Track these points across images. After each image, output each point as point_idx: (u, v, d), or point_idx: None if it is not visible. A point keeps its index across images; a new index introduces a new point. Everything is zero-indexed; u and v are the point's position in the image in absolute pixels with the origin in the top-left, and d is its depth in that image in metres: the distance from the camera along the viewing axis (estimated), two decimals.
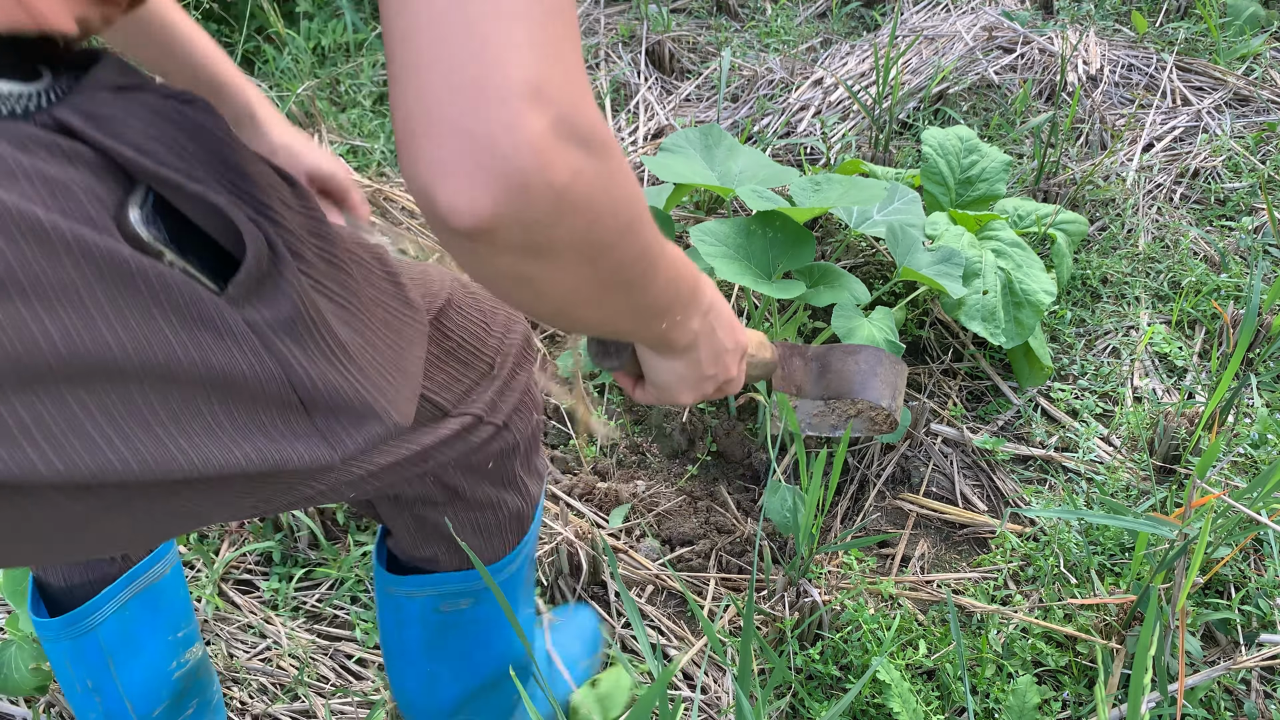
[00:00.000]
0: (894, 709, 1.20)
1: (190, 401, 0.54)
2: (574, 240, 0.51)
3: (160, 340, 0.51)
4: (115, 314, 0.49)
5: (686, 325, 0.73)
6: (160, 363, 0.52)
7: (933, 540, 1.57)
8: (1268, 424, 1.62)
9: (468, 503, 0.93)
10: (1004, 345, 1.62)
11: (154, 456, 0.53)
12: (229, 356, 0.55)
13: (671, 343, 0.74)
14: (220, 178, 0.57)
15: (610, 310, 0.61)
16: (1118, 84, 2.54)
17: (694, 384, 0.81)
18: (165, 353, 0.52)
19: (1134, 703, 0.96)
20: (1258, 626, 1.36)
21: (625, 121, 2.47)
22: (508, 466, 0.94)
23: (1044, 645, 1.32)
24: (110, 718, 1.08)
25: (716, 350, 0.79)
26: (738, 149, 1.73)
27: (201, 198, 0.54)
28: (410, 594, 1.00)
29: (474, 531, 0.95)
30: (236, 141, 0.59)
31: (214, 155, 0.57)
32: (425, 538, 0.96)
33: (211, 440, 0.55)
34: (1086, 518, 1.16)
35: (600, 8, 2.96)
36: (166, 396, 0.53)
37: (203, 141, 0.57)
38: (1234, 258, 2.01)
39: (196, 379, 0.54)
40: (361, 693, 1.37)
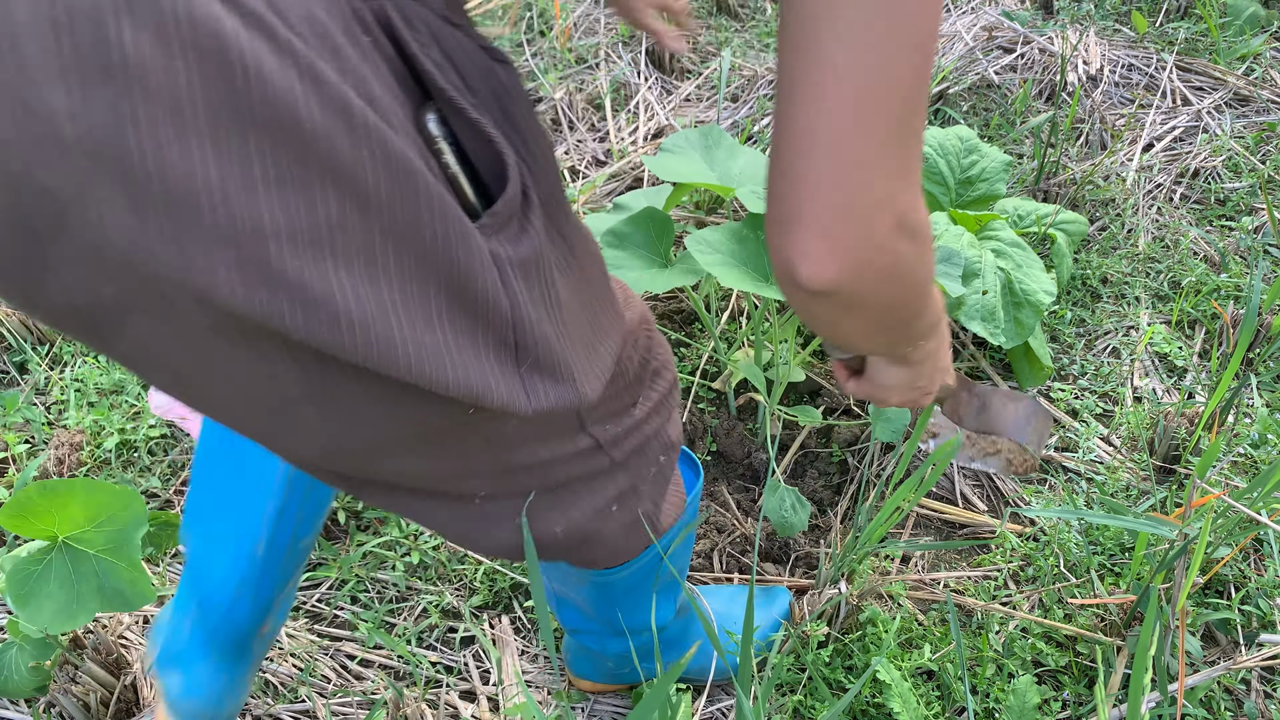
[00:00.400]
0: (894, 709, 1.20)
1: (425, 290, 0.57)
2: (881, 300, 0.64)
3: (423, 233, 0.55)
4: (389, 201, 0.53)
5: (925, 346, 0.85)
6: (414, 241, 0.55)
7: (933, 540, 1.57)
8: (1268, 424, 1.62)
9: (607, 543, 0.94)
10: (1004, 345, 1.62)
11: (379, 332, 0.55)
12: (472, 270, 0.58)
13: (908, 358, 0.86)
14: (498, 122, 0.62)
15: (879, 341, 0.74)
16: (1118, 84, 2.54)
17: (908, 390, 0.91)
18: (424, 243, 0.56)
19: (1134, 703, 0.96)
20: (1258, 626, 1.36)
21: (625, 121, 2.47)
22: (629, 506, 0.93)
23: (1044, 645, 1.32)
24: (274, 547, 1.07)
25: (937, 367, 0.90)
26: (738, 149, 1.73)
27: (479, 126, 0.60)
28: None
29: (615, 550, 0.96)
30: (524, 105, 0.65)
31: (498, 103, 0.63)
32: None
33: (429, 335, 0.58)
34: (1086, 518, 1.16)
35: (600, 8, 2.97)
36: (406, 273, 0.56)
37: (494, 90, 0.63)
38: (1234, 258, 2.01)
39: (440, 271, 0.57)
40: (363, 693, 1.37)
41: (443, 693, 1.36)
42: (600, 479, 0.88)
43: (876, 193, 0.57)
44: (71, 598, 1.19)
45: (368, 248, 0.54)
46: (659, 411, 0.93)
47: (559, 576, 1.09)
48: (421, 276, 0.57)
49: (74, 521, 1.18)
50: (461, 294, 0.58)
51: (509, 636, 1.44)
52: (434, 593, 1.49)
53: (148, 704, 1.34)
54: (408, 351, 0.57)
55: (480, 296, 0.59)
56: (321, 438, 0.65)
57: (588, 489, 0.88)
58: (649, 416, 0.91)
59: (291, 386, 0.59)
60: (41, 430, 1.75)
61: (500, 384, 0.63)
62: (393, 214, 0.54)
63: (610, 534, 0.94)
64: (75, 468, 1.67)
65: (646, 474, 0.94)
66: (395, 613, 1.48)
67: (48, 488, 1.14)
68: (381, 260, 0.55)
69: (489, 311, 0.60)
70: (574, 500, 0.87)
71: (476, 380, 0.61)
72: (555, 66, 2.68)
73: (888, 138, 0.56)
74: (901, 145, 0.58)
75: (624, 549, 0.98)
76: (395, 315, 0.56)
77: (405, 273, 0.56)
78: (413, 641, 1.44)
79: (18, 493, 1.14)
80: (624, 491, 0.92)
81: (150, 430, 1.73)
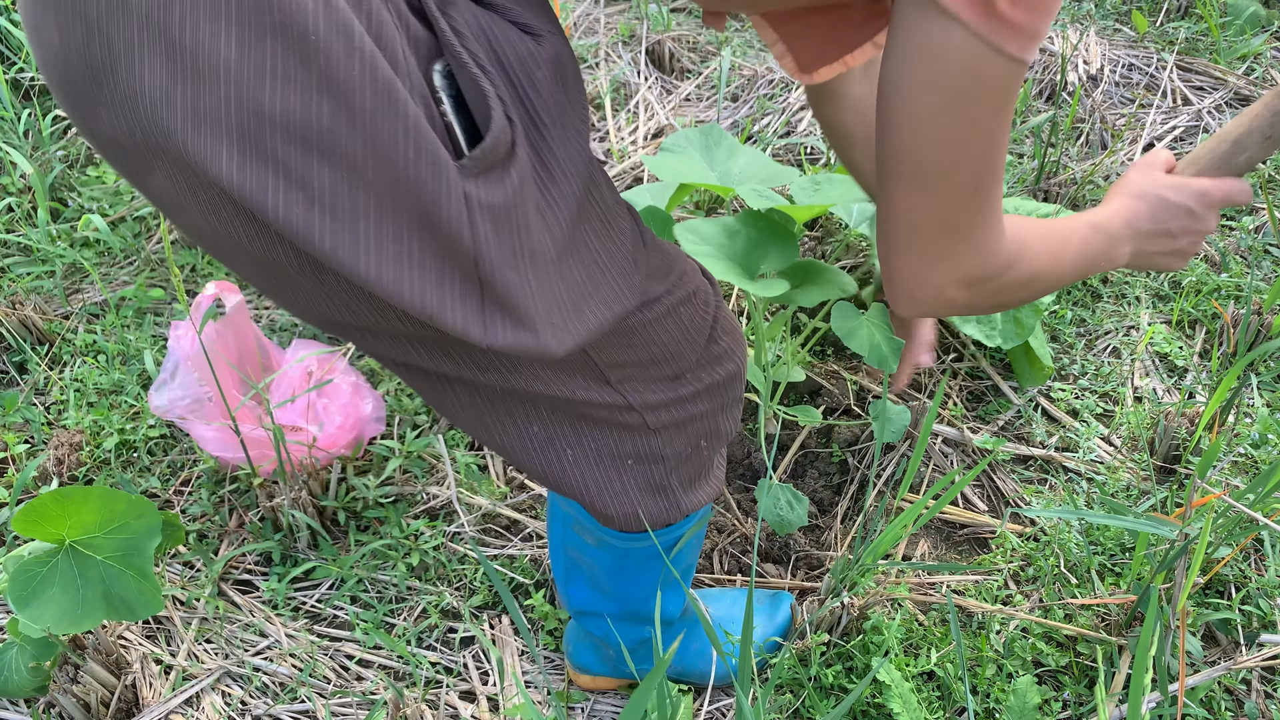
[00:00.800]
0: (894, 709, 1.20)
1: (398, 208, 0.63)
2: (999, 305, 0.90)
3: (398, 154, 0.62)
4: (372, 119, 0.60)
5: (1116, 259, 0.98)
6: (390, 160, 0.62)
7: (933, 540, 1.57)
8: (1268, 424, 1.62)
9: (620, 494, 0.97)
10: (1001, 346, 1.62)
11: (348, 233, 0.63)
12: (439, 199, 0.64)
13: (1125, 265, 1.00)
14: (507, 83, 0.69)
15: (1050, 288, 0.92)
16: (1118, 84, 2.54)
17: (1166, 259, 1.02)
18: (398, 164, 0.62)
19: (1134, 703, 0.96)
20: (1258, 626, 1.36)
21: (625, 121, 2.47)
22: (651, 471, 0.96)
23: (1044, 645, 1.32)
24: None
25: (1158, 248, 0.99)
26: (738, 149, 1.73)
27: (477, 81, 0.66)
28: (556, 499, 1.09)
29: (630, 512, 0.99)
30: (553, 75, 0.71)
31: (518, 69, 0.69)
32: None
33: (394, 247, 0.64)
34: (1087, 518, 1.16)
35: (600, 7, 2.96)
36: (383, 189, 0.62)
37: (518, 56, 0.69)
38: (1234, 258, 2.00)
39: (409, 194, 0.63)
40: (363, 693, 1.36)
41: (443, 693, 1.36)
42: (628, 433, 0.92)
43: (934, 276, 0.82)
44: (75, 602, 1.18)
45: (350, 156, 0.61)
46: (713, 395, 0.95)
47: (578, 542, 1.09)
48: (395, 195, 0.63)
49: (84, 526, 1.18)
50: (428, 220, 0.64)
51: (509, 636, 1.44)
52: (434, 593, 1.49)
53: (147, 704, 1.34)
54: (369, 259, 0.63)
55: (445, 227, 0.65)
56: (319, 307, 0.73)
57: (608, 433, 0.91)
58: (699, 396, 0.93)
59: (285, 261, 0.68)
60: (41, 430, 1.75)
61: (457, 312, 0.68)
62: (375, 131, 0.60)
63: (624, 489, 0.96)
64: (75, 468, 1.67)
65: (681, 451, 0.96)
66: (395, 613, 1.48)
67: (63, 494, 1.14)
68: (361, 170, 0.61)
69: (452, 243, 0.66)
70: (591, 433, 0.91)
71: (433, 302, 0.67)
72: None
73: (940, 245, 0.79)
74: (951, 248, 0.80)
75: (642, 515, 0.99)
76: (366, 221, 0.63)
77: (381, 188, 0.62)
78: (413, 641, 1.44)
79: (34, 499, 1.14)
80: (649, 454, 0.94)
81: (150, 430, 1.73)
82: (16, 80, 2.51)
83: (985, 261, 0.82)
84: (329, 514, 1.59)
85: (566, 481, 0.94)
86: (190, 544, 1.55)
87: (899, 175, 0.75)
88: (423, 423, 1.73)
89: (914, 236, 0.79)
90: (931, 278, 0.81)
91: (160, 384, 1.53)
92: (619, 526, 1.00)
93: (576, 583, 1.17)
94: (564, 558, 1.15)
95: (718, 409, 0.97)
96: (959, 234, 0.79)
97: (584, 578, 1.15)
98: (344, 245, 0.63)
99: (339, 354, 1.69)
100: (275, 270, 0.70)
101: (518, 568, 1.51)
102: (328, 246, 0.62)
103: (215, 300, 1.56)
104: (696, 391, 0.93)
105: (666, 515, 1.00)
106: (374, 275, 0.64)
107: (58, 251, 2.11)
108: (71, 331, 1.97)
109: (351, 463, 1.63)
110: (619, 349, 0.85)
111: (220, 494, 1.63)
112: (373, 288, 0.64)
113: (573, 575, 1.16)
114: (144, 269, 2.13)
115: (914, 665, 1.30)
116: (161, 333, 1.97)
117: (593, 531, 1.05)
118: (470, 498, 1.60)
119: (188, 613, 1.47)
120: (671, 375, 0.91)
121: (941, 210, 0.76)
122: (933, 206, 0.76)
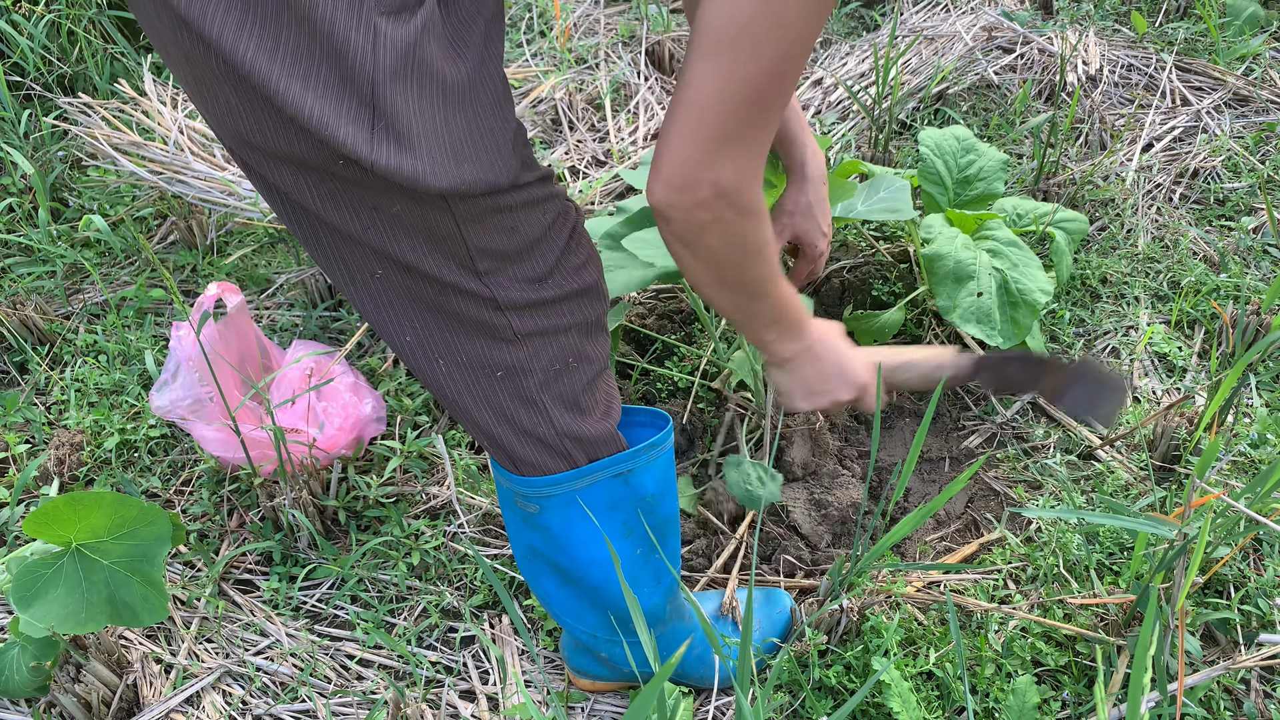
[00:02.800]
0: (894, 709, 1.20)
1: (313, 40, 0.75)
2: (705, 249, 0.93)
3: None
4: None
5: (784, 347, 1.09)
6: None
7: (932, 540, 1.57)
8: (1267, 424, 1.62)
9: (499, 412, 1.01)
10: (1000, 345, 1.62)
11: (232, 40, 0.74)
12: (349, 33, 0.75)
13: (773, 355, 1.11)
14: None
15: (724, 302, 1.01)
16: (1117, 84, 2.54)
17: (803, 396, 1.15)
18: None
19: (1133, 702, 0.96)
20: (1257, 626, 1.36)
21: (625, 121, 2.47)
22: (522, 384, 1.00)
23: (1044, 645, 1.32)
24: None
25: (819, 373, 1.12)
26: None
27: None
28: (497, 479, 1.12)
29: (516, 435, 1.03)
30: None
31: None
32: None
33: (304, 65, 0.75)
34: (1086, 518, 1.16)
35: (600, 8, 2.97)
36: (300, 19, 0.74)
37: None
38: (1233, 258, 2.01)
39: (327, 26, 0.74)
40: (363, 693, 1.37)
41: (443, 692, 1.36)
42: (495, 343, 0.97)
43: (707, 165, 0.86)
44: (80, 605, 1.19)
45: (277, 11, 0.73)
46: (575, 308, 0.99)
47: (523, 518, 1.11)
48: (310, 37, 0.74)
49: (92, 530, 1.18)
50: (334, 44, 0.75)
51: (509, 636, 1.44)
52: (434, 593, 1.49)
53: (148, 703, 1.34)
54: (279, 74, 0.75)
55: (351, 55, 0.75)
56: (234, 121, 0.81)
57: (477, 342, 0.97)
58: (561, 304, 0.98)
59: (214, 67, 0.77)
60: (41, 430, 1.75)
61: (349, 129, 0.78)
62: None
63: (498, 404, 1.00)
64: (76, 468, 1.67)
65: (548, 365, 1.00)
66: (395, 613, 1.48)
67: (75, 498, 1.14)
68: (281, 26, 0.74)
69: (354, 70, 0.76)
70: (461, 341, 0.97)
71: (330, 119, 0.77)
72: (555, 67, 2.68)
73: (725, 130, 0.84)
74: (734, 139, 0.85)
75: (530, 451, 1.03)
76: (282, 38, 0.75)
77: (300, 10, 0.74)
78: (413, 641, 1.44)
79: (48, 501, 1.14)
80: (517, 366, 0.98)
81: (150, 430, 1.73)
82: (17, 81, 2.51)
83: (746, 180, 0.88)
84: (329, 513, 1.59)
85: (443, 393, 1.01)
86: (191, 544, 1.56)
87: (701, 48, 0.82)
88: (423, 422, 1.74)
89: (702, 114, 0.83)
90: (699, 167, 0.85)
91: (162, 384, 1.53)
92: (514, 458, 1.04)
93: (544, 576, 1.17)
94: (524, 549, 1.16)
95: (582, 326, 1.01)
96: (743, 124, 0.84)
97: (546, 566, 1.15)
98: (261, 60, 0.74)
99: (338, 355, 1.69)
100: (205, 75, 0.79)
101: (517, 567, 1.52)
102: (249, 59, 0.74)
103: (216, 301, 1.56)
104: (559, 297, 0.97)
105: (542, 433, 1.03)
106: (280, 88, 0.75)
107: (58, 252, 2.11)
108: (72, 331, 1.97)
109: (352, 463, 1.63)
110: (487, 231, 0.91)
111: (221, 494, 1.63)
112: (278, 99, 0.75)
113: (538, 569, 1.17)
114: (145, 269, 2.13)
115: (913, 665, 1.30)
116: (162, 333, 1.97)
117: (522, 488, 1.07)
118: (470, 497, 1.60)
119: (188, 612, 1.47)
120: (535, 277, 0.96)
121: (735, 89, 0.82)
122: (727, 84, 0.82)
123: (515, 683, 1.36)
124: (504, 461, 1.07)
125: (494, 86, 0.89)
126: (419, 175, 0.82)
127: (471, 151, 0.86)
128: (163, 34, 0.79)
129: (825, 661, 1.33)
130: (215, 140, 2.13)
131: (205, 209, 2.15)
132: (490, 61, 0.88)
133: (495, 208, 0.90)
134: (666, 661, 0.82)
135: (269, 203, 0.91)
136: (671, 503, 1.16)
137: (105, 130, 2.17)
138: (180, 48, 0.78)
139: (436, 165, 0.83)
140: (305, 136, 0.80)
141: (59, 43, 2.56)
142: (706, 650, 1.32)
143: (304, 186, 0.86)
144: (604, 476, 1.07)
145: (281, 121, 0.79)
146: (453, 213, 0.88)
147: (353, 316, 1.97)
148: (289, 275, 2.08)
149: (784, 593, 1.41)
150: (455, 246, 0.90)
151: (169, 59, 0.82)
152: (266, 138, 0.81)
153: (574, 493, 1.06)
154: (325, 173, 0.84)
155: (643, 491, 1.10)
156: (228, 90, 0.78)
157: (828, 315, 1.92)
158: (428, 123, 0.82)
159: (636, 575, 1.15)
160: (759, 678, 1.34)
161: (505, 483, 1.09)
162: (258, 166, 0.86)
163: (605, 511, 1.08)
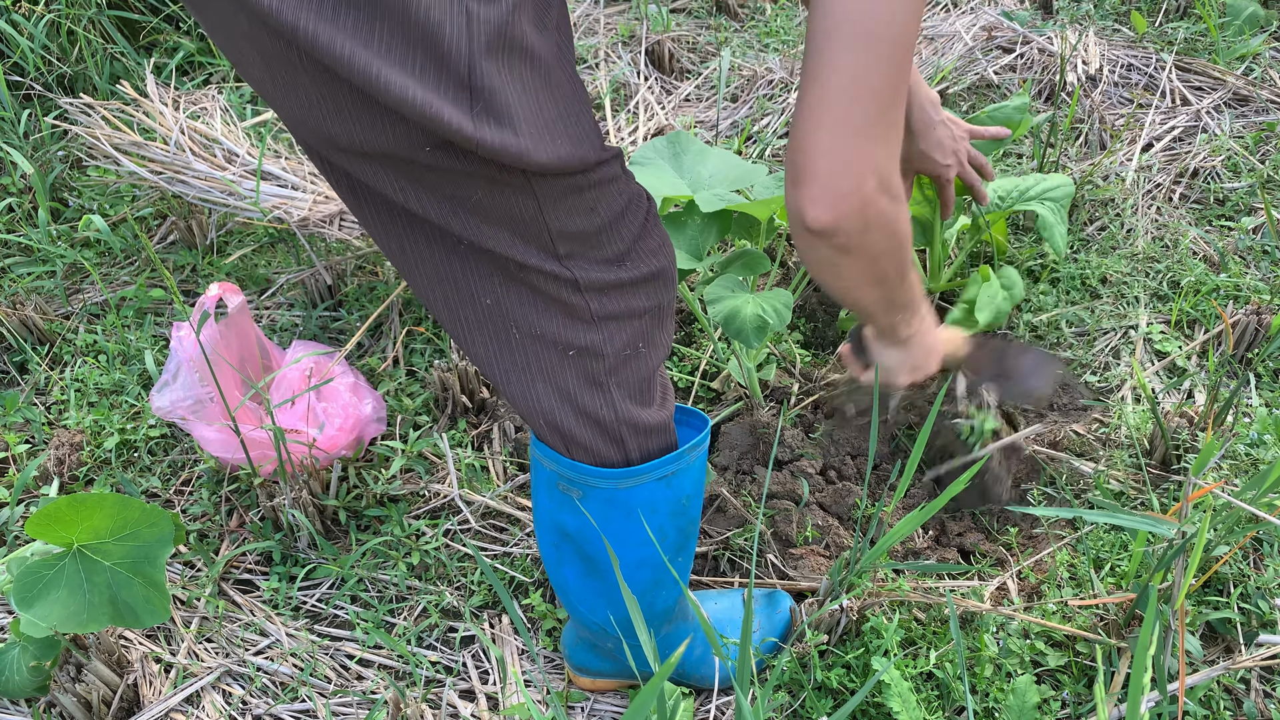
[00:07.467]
0: (894, 709, 1.20)
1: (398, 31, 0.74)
2: (867, 248, 0.92)
3: None
4: None
5: (908, 324, 1.16)
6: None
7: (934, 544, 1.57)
8: (1266, 424, 1.62)
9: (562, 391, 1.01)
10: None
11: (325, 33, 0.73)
12: (443, 22, 0.75)
13: (896, 335, 1.18)
14: None
15: (872, 296, 1.03)
16: (1117, 84, 2.54)
17: (907, 370, 1.26)
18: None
19: (1134, 702, 0.96)
20: (1257, 626, 1.36)
21: (625, 121, 2.47)
22: (591, 367, 0.99)
23: (1043, 645, 1.32)
24: None
25: (927, 348, 1.23)
26: (707, 152, 1.70)
27: None
28: (539, 459, 1.11)
29: (577, 417, 1.02)
30: None
31: None
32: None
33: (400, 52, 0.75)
34: (1086, 517, 1.16)
35: (600, 8, 2.97)
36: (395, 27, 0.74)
37: None
38: (1233, 258, 2.01)
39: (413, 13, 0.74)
40: (363, 693, 1.37)
41: (443, 692, 1.36)
42: (572, 320, 0.97)
43: (865, 158, 0.85)
44: (81, 605, 1.19)
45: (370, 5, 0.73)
46: (651, 290, 0.99)
47: (561, 502, 1.10)
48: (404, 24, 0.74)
49: (94, 531, 1.18)
50: (432, 39, 0.75)
51: (509, 636, 1.44)
52: (434, 593, 1.49)
53: (148, 703, 1.34)
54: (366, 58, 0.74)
55: (446, 39, 0.75)
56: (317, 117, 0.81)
57: (555, 318, 0.96)
58: (638, 286, 0.98)
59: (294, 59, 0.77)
60: (41, 430, 1.75)
61: (452, 112, 0.78)
62: None
63: (564, 380, 1.00)
64: (75, 468, 1.67)
65: (620, 349, 0.99)
66: (395, 613, 1.48)
67: (78, 499, 1.14)
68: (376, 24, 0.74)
69: (450, 53, 0.76)
70: (539, 314, 0.96)
71: (434, 103, 0.77)
72: None
73: (874, 117, 0.84)
74: (883, 125, 0.85)
75: (587, 434, 1.03)
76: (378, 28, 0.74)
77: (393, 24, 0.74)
78: (413, 641, 1.44)
79: (50, 502, 1.14)
80: (590, 348, 0.98)
81: (150, 430, 1.73)
82: (17, 81, 2.51)
83: (895, 165, 0.88)
84: (329, 513, 1.59)
85: (510, 363, 1.00)
86: (191, 544, 1.56)
87: (839, 41, 0.82)
88: (424, 422, 1.74)
89: (850, 109, 0.83)
90: (858, 162, 0.84)
91: (162, 385, 1.53)
92: (567, 439, 1.03)
93: (568, 564, 1.16)
94: (552, 534, 1.15)
95: (655, 310, 1.01)
96: (887, 109, 0.84)
97: (574, 554, 1.15)
98: (358, 49, 0.73)
99: (338, 355, 1.69)
100: (283, 71, 0.78)
101: (518, 567, 1.52)
102: (345, 49, 0.73)
103: (217, 301, 1.56)
104: (635, 279, 0.97)
105: (602, 416, 1.02)
106: (378, 75, 0.74)
107: (58, 252, 2.12)
108: (72, 331, 1.97)
109: (353, 463, 1.63)
110: (568, 212, 0.90)
111: (221, 494, 1.63)
112: (376, 87, 0.74)
113: (564, 556, 1.16)
114: (144, 269, 2.13)
115: (913, 665, 1.30)
116: (162, 333, 1.97)
117: (569, 472, 1.06)
118: (471, 496, 1.61)
119: (188, 612, 1.47)
120: (613, 258, 0.96)
121: (879, 77, 0.83)
122: (870, 73, 0.82)
123: (515, 682, 1.36)
124: (555, 442, 1.05)
125: (571, 64, 0.89)
126: (524, 152, 0.82)
127: (562, 128, 0.86)
128: (234, 34, 0.78)
129: (825, 662, 1.33)
130: (216, 141, 2.13)
131: (205, 209, 2.16)
132: (565, 40, 0.88)
133: (575, 187, 0.90)
134: (666, 661, 0.82)
135: (346, 200, 0.92)
136: (699, 505, 1.16)
137: (106, 130, 2.17)
138: (255, 45, 0.77)
139: (536, 142, 0.83)
140: (395, 125, 0.79)
141: (59, 43, 2.56)
142: (707, 650, 1.32)
143: (385, 178, 0.86)
144: (650, 479, 1.07)
145: (369, 111, 0.79)
146: (535, 195, 0.88)
147: (353, 317, 1.97)
148: (289, 275, 2.08)
149: (784, 593, 1.41)
150: (537, 230, 0.90)
151: (239, 58, 0.81)
152: (349, 129, 0.81)
153: (617, 490, 1.06)
154: (408, 162, 0.84)
155: (680, 493, 1.11)
156: (308, 83, 0.78)
157: (827, 315, 1.92)
158: (524, 101, 0.82)
159: (663, 577, 1.16)
160: (759, 678, 1.34)
161: (550, 465, 1.08)
162: (337, 160, 0.86)
163: (646, 512, 1.08)
